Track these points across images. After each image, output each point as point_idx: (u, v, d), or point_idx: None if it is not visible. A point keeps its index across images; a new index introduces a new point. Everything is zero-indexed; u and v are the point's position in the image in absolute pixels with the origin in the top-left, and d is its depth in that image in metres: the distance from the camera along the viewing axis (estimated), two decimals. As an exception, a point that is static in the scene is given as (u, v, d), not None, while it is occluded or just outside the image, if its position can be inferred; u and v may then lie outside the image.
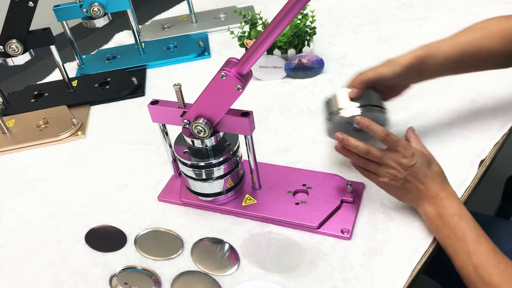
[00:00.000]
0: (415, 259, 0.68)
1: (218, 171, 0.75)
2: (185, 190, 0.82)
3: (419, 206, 0.71)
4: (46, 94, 1.18)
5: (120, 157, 0.96)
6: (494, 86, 0.98)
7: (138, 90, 1.15)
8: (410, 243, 0.70)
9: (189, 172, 0.77)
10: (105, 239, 0.79)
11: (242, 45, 1.10)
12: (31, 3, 0.97)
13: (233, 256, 0.73)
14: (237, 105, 0.69)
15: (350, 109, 0.75)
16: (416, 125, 0.91)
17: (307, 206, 0.76)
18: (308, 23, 1.06)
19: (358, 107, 0.75)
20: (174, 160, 0.84)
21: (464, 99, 0.95)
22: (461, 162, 0.81)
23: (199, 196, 0.80)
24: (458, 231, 0.66)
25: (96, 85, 1.18)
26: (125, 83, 1.16)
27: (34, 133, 1.04)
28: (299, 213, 0.76)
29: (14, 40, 1.00)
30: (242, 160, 0.80)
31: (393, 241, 0.71)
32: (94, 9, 1.13)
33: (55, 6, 1.15)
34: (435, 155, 0.82)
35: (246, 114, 0.70)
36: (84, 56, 1.30)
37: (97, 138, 1.03)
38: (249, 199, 0.79)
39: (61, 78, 1.15)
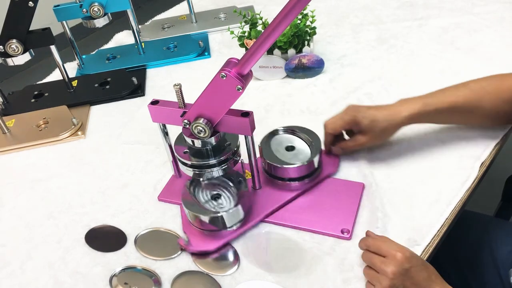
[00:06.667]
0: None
1: (218, 171, 0.75)
2: (185, 190, 0.82)
3: None
4: (46, 94, 1.18)
5: (120, 157, 0.96)
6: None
7: (138, 90, 1.15)
8: (408, 244, 0.70)
9: (189, 172, 0.77)
10: (105, 239, 0.79)
11: (242, 45, 1.10)
12: (31, 3, 0.97)
13: (233, 256, 0.73)
14: (237, 105, 0.69)
15: None
16: (416, 125, 0.91)
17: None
18: (308, 23, 1.06)
19: None
20: (174, 160, 0.84)
21: (464, 99, 0.95)
22: (462, 163, 0.81)
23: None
24: None
25: (96, 85, 1.18)
26: (125, 83, 1.16)
27: (34, 133, 1.04)
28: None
29: (14, 40, 1.00)
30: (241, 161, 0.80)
31: (393, 241, 0.71)
32: (94, 9, 1.13)
33: (55, 6, 1.15)
34: (435, 156, 0.82)
35: (246, 114, 0.70)
36: (84, 56, 1.30)
37: (97, 138, 1.03)
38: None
39: (61, 78, 1.15)
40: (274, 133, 0.83)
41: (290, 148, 0.81)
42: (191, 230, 0.76)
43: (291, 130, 0.83)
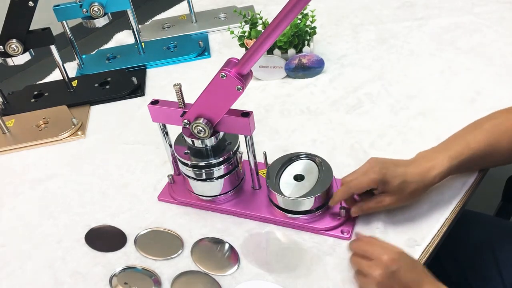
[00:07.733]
0: (414, 260, 0.68)
1: (218, 171, 0.75)
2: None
3: None
4: (46, 94, 1.18)
5: (120, 157, 0.96)
6: (494, 86, 0.98)
7: (138, 90, 1.15)
8: (408, 244, 0.70)
9: (189, 172, 0.77)
10: (105, 239, 0.79)
11: (242, 45, 1.10)
12: (31, 3, 0.97)
13: (233, 256, 0.73)
14: (237, 105, 0.69)
15: None
16: (416, 125, 0.92)
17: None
18: (308, 23, 1.06)
19: None
20: (174, 160, 0.84)
21: (464, 99, 0.95)
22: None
23: (199, 196, 0.80)
24: None
25: (96, 85, 1.18)
26: (125, 83, 1.16)
27: (34, 133, 1.04)
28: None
29: (14, 40, 1.00)
30: (242, 160, 0.80)
31: (392, 241, 0.70)
32: (94, 9, 1.13)
33: (55, 6, 1.15)
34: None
35: (246, 114, 0.70)
36: (84, 56, 1.30)
37: (97, 138, 1.03)
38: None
39: (61, 78, 1.15)
40: (292, 158, 0.77)
41: (300, 178, 0.75)
42: (178, 181, 0.84)
43: (311, 156, 0.77)
